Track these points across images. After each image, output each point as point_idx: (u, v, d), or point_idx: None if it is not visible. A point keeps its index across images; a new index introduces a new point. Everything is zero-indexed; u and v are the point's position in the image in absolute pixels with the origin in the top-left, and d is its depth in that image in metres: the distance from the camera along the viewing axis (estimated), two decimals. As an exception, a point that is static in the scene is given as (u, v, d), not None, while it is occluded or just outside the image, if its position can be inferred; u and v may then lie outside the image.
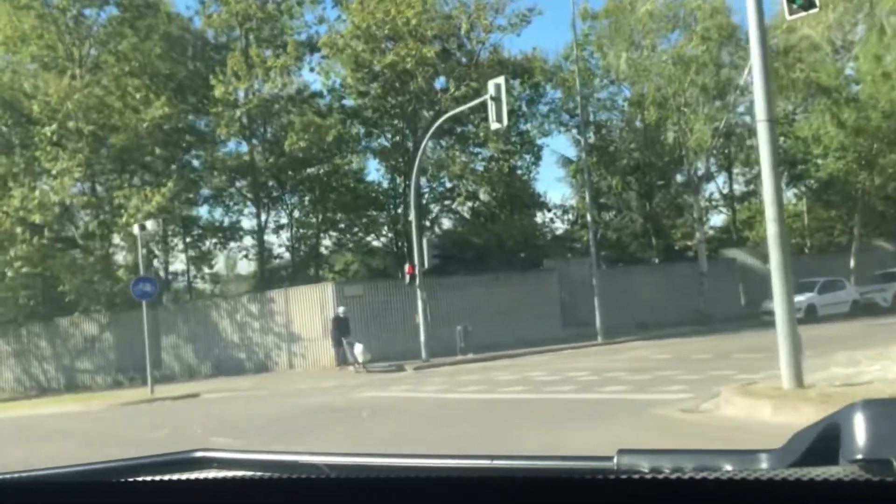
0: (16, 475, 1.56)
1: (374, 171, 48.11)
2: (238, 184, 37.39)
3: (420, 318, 27.08)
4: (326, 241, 43.66)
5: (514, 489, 1.14)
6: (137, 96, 31.17)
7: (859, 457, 1.03)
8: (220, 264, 42.34)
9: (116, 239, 30.63)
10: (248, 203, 37.70)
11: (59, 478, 1.55)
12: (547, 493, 1.10)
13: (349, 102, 37.36)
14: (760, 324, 33.08)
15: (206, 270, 40.81)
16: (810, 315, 32.83)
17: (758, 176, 46.01)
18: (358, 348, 25.81)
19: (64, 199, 29.55)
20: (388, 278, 33.04)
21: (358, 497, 1.19)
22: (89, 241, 30.11)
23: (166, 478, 1.47)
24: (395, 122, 36.89)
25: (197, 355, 31.77)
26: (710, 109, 31.47)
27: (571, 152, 45.71)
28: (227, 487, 1.32)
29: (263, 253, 38.14)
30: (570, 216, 49.82)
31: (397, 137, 36.88)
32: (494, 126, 24.91)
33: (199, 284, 40.77)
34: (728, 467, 1.18)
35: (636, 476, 1.12)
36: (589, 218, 31.45)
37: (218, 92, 30.89)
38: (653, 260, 41.27)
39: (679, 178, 42.09)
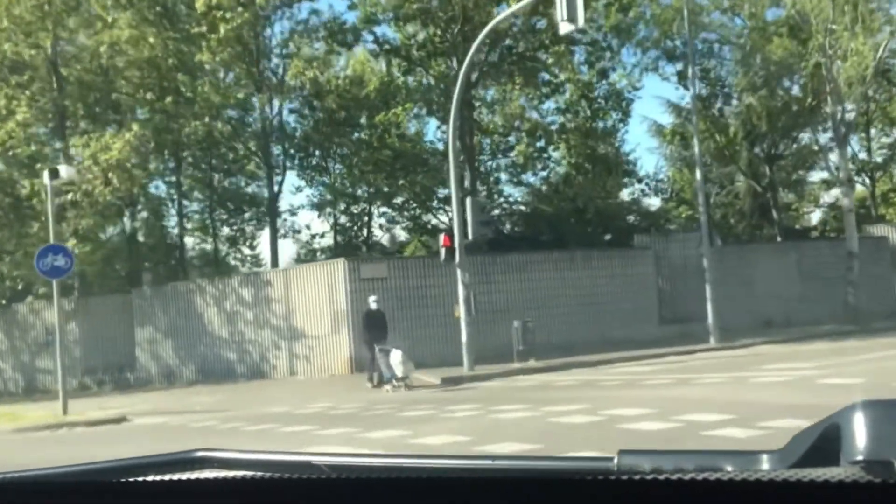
0: (15, 475, 1.49)
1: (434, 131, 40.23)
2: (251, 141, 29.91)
3: (461, 310, 19.23)
4: (380, 220, 36.31)
5: (516, 490, 1.15)
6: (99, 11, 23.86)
7: (860, 458, 1.01)
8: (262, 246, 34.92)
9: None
10: (261, 167, 30.21)
11: (58, 478, 1.48)
12: (548, 493, 1.11)
13: (389, 33, 29.47)
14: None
15: (247, 252, 33.80)
16: None
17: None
18: (395, 356, 17.86)
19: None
20: (424, 256, 25.12)
21: (359, 497, 1.20)
22: (29, 201, 23.05)
23: (167, 477, 1.41)
24: (447, 61, 29.04)
25: (178, 354, 24.50)
26: (873, 23, 22.73)
27: (665, 118, 37.31)
28: (228, 487, 1.33)
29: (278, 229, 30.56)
30: (665, 193, 41.71)
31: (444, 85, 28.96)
32: (565, 28, 16.89)
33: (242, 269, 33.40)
34: (729, 468, 1.14)
35: (637, 477, 1.09)
36: (698, 175, 22.97)
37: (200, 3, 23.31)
38: (776, 238, 32.50)
39: (806, 138, 33.30)
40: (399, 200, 34.73)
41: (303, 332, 22.24)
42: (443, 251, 19.40)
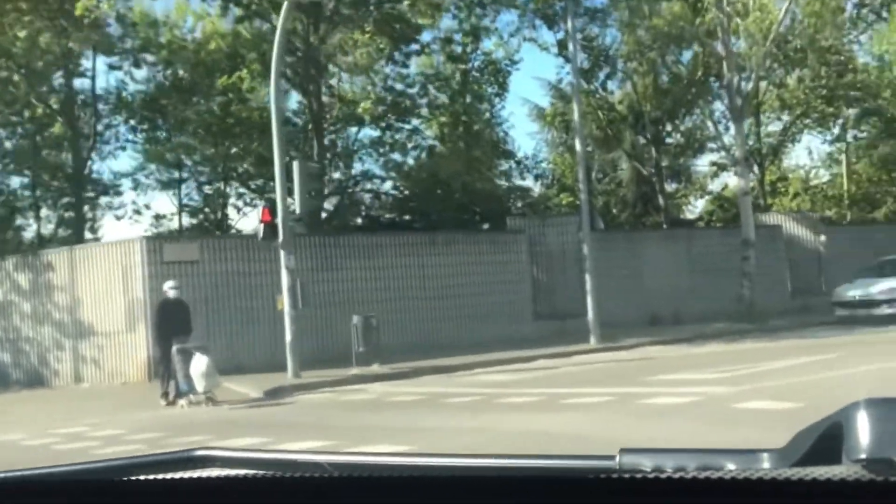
0: (16, 473, 1.46)
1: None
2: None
3: (285, 301, 15.27)
4: (237, 201, 31.85)
5: (518, 489, 1.14)
6: None
7: (862, 456, 1.01)
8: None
9: None
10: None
11: (58, 476, 1.47)
12: (550, 492, 1.11)
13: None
14: (837, 322, 21.82)
15: (89, 237, 28.73)
16: (909, 310, 21.48)
17: (801, 118, 34.89)
18: (198, 365, 13.62)
19: None
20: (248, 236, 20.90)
21: (362, 497, 1.20)
22: None
23: (168, 476, 1.40)
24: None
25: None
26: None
27: (546, 101, 34.29)
28: (230, 486, 1.32)
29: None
30: (546, 179, 38.82)
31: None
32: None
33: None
34: (731, 466, 1.15)
35: (639, 475, 1.09)
36: (578, 145, 19.54)
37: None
38: (662, 226, 29.69)
39: (696, 118, 30.65)
40: (239, 171, 30.34)
41: (91, 329, 17.77)
42: (261, 228, 15.30)
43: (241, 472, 1.38)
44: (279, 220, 15.08)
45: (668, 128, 30.98)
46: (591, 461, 1.26)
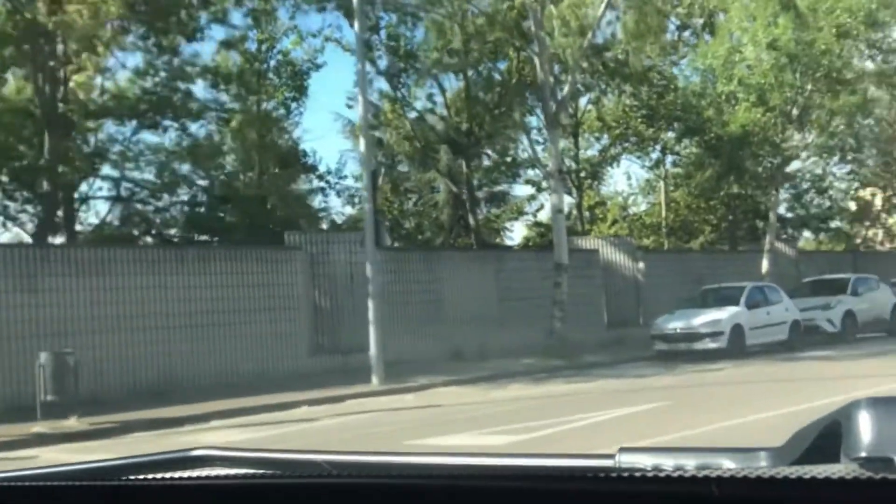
0: (15, 473, 1.49)
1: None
2: None
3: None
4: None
5: (516, 487, 1.14)
6: None
7: (861, 455, 1.01)
8: None
9: None
10: None
11: (58, 476, 1.47)
12: (548, 490, 1.11)
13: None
14: (656, 357, 19.40)
15: None
16: (736, 344, 19.29)
17: (620, 139, 32.98)
18: None
19: None
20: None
21: (362, 497, 1.20)
22: None
23: (168, 475, 1.39)
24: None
25: None
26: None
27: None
28: (229, 486, 1.33)
29: None
30: (356, 201, 35.50)
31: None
32: None
33: None
34: (729, 464, 1.15)
35: (638, 473, 1.07)
36: (362, 145, 16.02)
37: None
38: (471, 246, 26.77)
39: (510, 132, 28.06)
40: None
41: None
42: None
43: (240, 471, 1.39)
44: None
45: (483, 143, 28.21)
46: (590, 460, 1.26)
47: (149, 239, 25.86)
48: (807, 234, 41.56)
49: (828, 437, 1.07)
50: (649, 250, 28.72)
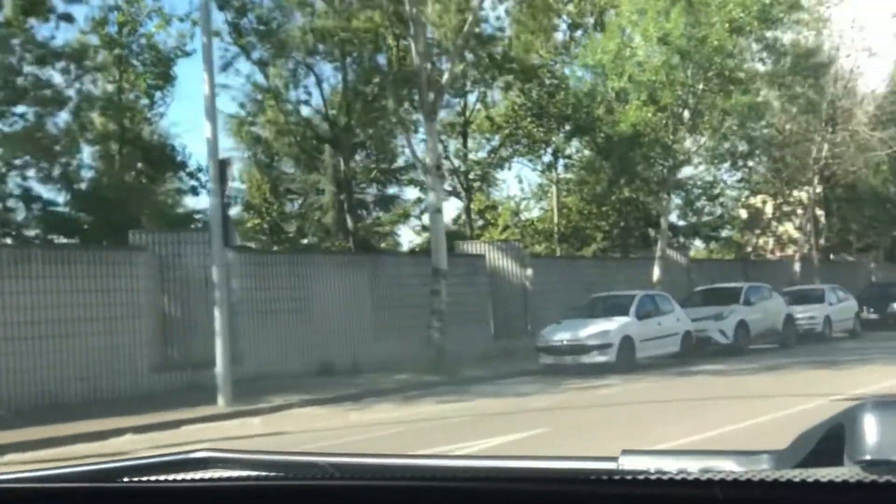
0: (17, 475, 1.49)
1: None
2: None
3: None
4: None
5: (519, 489, 1.13)
6: None
7: (865, 458, 1.01)
8: None
9: None
10: None
11: (61, 478, 1.49)
12: (551, 492, 1.10)
13: None
14: (543, 371, 17.97)
15: None
16: (626, 358, 17.99)
17: (507, 141, 31.58)
18: None
19: None
20: None
21: (364, 499, 1.20)
22: None
23: (171, 477, 1.40)
24: None
25: None
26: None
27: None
28: (232, 488, 1.33)
29: None
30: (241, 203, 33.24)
31: None
32: None
33: None
34: (732, 468, 1.14)
35: (641, 476, 1.07)
36: (208, 131, 13.96)
37: None
38: (348, 250, 24.91)
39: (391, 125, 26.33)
40: None
41: None
42: None
43: (243, 473, 1.38)
44: None
45: (363, 139, 26.39)
46: (593, 462, 1.25)
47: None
48: (698, 242, 41.28)
49: (831, 441, 1.06)
50: (538, 256, 27.42)
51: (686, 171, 29.57)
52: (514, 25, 22.86)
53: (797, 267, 29.90)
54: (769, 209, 34.00)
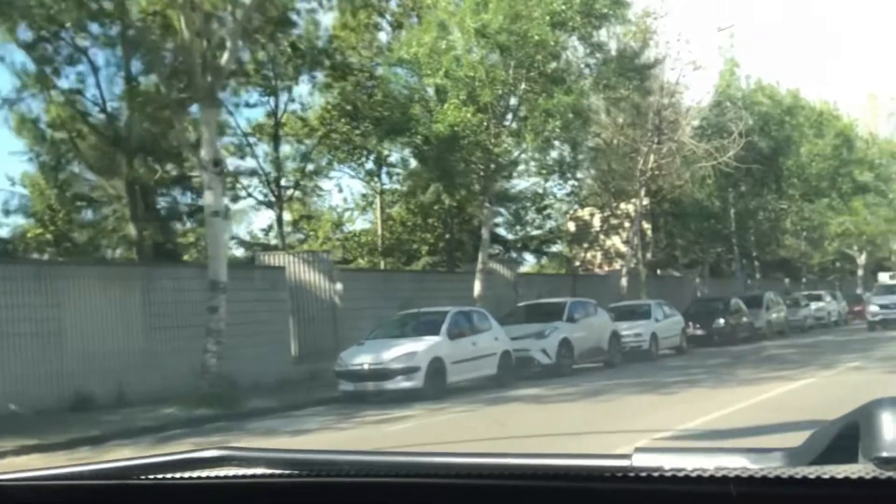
0: (34, 472, 1.50)
1: None
2: None
3: None
4: None
5: (534, 487, 1.13)
6: None
7: (882, 455, 1.00)
8: None
9: None
10: None
11: (78, 476, 1.47)
12: (565, 490, 1.11)
13: None
14: (343, 399, 15.62)
15: None
16: (435, 382, 15.88)
17: (322, 145, 28.95)
18: None
19: None
20: None
21: (380, 496, 1.21)
22: None
23: (187, 475, 1.38)
24: None
25: None
26: None
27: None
28: (250, 485, 1.32)
29: None
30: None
31: None
32: None
33: None
34: (746, 465, 1.10)
35: (656, 473, 1.06)
36: None
37: None
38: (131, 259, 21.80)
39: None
40: None
41: None
42: None
43: (259, 471, 1.34)
44: None
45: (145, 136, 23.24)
46: (607, 460, 1.21)
47: None
48: (529, 257, 40.14)
49: (846, 438, 1.05)
50: (350, 269, 25.13)
51: (518, 184, 28.24)
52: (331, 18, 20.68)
53: (624, 282, 28.85)
54: (597, 222, 33.00)
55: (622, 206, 31.10)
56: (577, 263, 33.02)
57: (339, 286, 21.62)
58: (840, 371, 16.00)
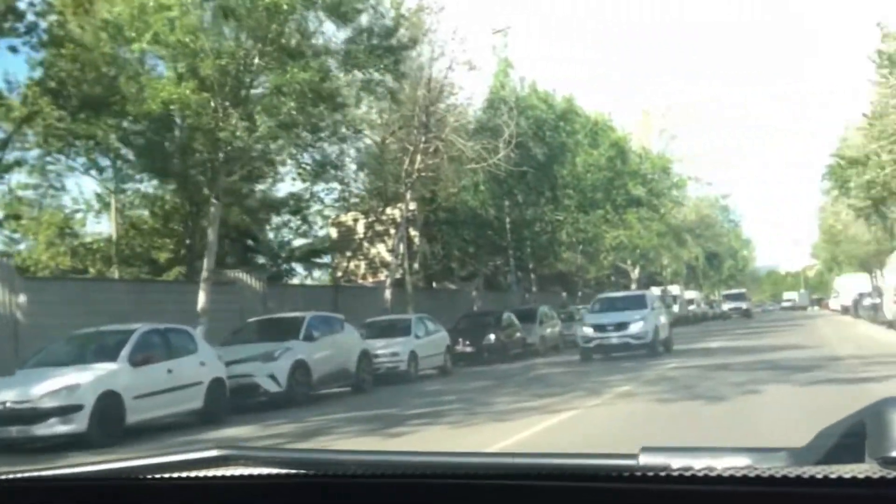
0: (40, 472, 1.46)
1: None
2: None
3: None
4: None
5: (542, 486, 1.12)
6: None
7: (887, 454, 0.99)
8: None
9: None
10: None
11: (83, 475, 1.44)
12: (572, 489, 1.09)
13: None
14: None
15: None
16: (107, 424, 12.08)
17: (24, 129, 23.81)
18: None
19: None
20: None
21: (385, 495, 1.18)
22: None
23: (192, 474, 1.36)
24: None
25: None
26: None
27: None
28: (255, 485, 1.30)
29: None
30: None
31: None
32: None
33: None
34: (753, 465, 1.09)
35: (663, 472, 1.06)
36: None
37: None
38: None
39: None
40: None
41: None
42: None
43: (264, 470, 1.33)
44: None
45: None
46: (613, 460, 1.21)
47: None
48: (298, 267, 36.76)
49: (852, 437, 1.04)
50: (38, 278, 20.75)
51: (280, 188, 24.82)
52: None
53: (388, 294, 26.01)
54: (361, 228, 30.03)
55: (388, 210, 28.31)
56: (340, 274, 29.90)
57: (22, 298, 17.31)
58: (607, 399, 13.60)
